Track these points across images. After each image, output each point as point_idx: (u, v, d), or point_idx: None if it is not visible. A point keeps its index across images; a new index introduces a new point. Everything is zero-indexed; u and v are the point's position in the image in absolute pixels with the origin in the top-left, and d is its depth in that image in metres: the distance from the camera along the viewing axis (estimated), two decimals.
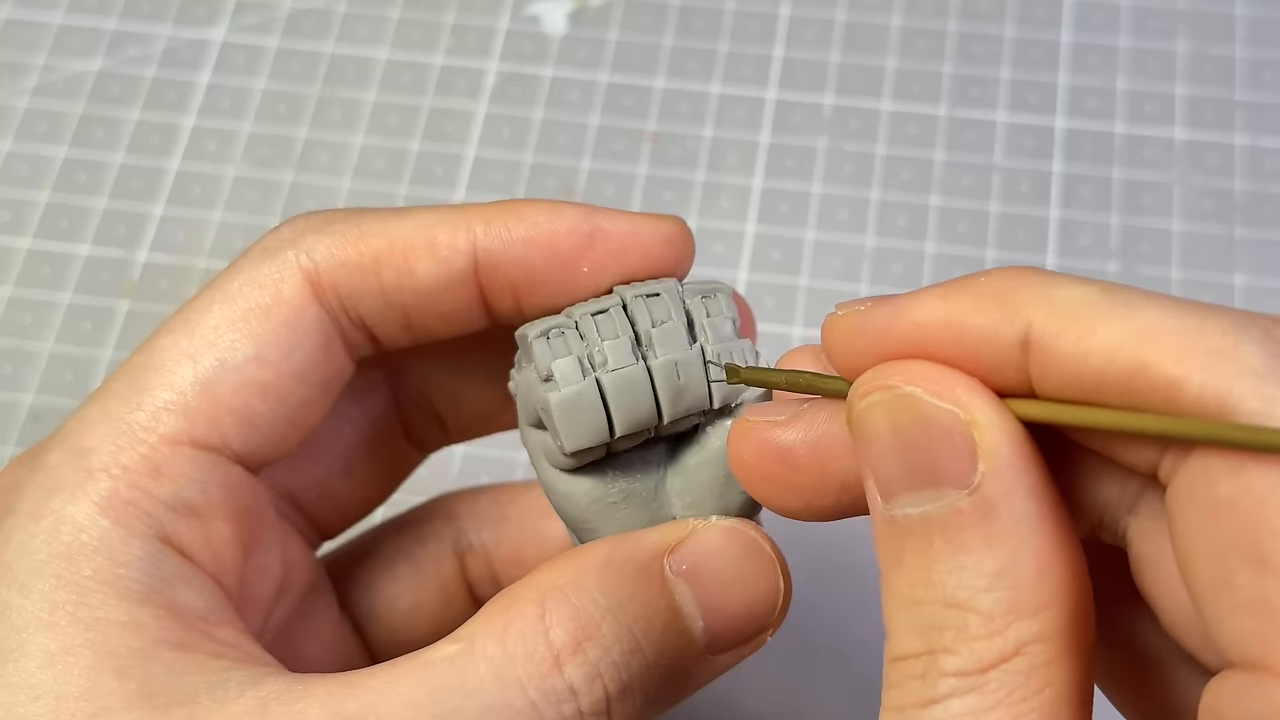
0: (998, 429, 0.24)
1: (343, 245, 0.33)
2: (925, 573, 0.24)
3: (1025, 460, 0.24)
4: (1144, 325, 0.23)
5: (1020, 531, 0.24)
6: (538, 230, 0.33)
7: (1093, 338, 0.23)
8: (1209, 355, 0.22)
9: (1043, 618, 0.23)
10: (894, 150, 0.57)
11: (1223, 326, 0.22)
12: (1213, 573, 0.22)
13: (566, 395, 0.30)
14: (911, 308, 0.25)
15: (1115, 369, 0.23)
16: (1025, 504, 0.24)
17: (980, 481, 0.24)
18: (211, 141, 0.59)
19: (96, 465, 0.30)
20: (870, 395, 0.25)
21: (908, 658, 0.24)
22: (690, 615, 0.30)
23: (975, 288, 0.25)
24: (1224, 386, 0.22)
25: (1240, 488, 0.21)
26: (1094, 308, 0.23)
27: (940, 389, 0.24)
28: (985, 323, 0.24)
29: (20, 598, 0.29)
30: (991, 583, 0.23)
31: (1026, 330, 0.24)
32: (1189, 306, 0.23)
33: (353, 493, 0.39)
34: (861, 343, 0.26)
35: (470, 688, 0.28)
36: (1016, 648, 0.23)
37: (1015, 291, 0.24)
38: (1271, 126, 0.57)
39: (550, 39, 0.61)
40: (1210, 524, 0.22)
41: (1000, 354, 0.24)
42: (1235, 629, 0.21)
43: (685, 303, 0.32)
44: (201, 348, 0.32)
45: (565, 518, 0.32)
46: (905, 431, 0.25)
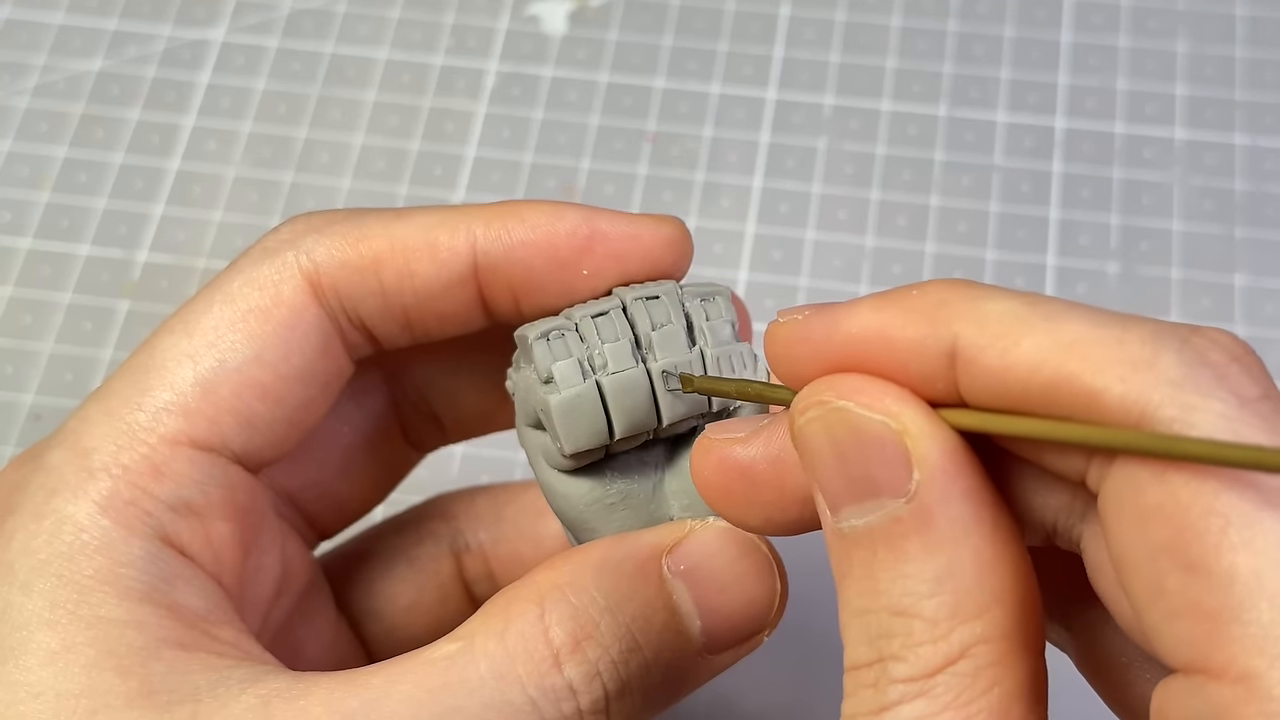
0: (929, 437, 0.24)
1: (343, 246, 0.33)
2: (871, 582, 0.24)
3: (959, 466, 0.24)
4: (1066, 337, 0.23)
5: (957, 535, 0.24)
6: (537, 232, 0.33)
7: (1016, 350, 0.23)
8: (1128, 365, 0.22)
9: (986, 619, 0.24)
10: (894, 150, 0.57)
11: (1141, 336, 0.22)
12: (1146, 580, 0.22)
13: (566, 397, 0.30)
14: (846, 318, 0.25)
15: (1038, 380, 0.23)
16: (961, 508, 0.24)
17: (916, 489, 0.24)
18: (211, 141, 0.59)
19: (97, 465, 0.30)
20: (807, 410, 0.25)
21: (860, 667, 0.25)
22: (688, 615, 0.30)
23: (906, 300, 0.25)
24: (1143, 395, 0.22)
25: (1164, 495, 0.22)
26: (1019, 320, 0.23)
27: (871, 401, 0.25)
28: (914, 335, 0.24)
29: (21, 596, 0.29)
30: (933, 588, 0.24)
31: (954, 343, 0.24)
32: (1111, 318, 0.23)
33: (351, 493, 0.39)
34: (800, 351, 0.26)
35: (471, 686, 0.28)
36: (961, 650, 0.23)
37: (944, 305, 0.24)
38: (1271, 127, 0.57)
39: (550, 39, 0.61)
40: (1139, 532, 0.22)
41: (929, 366, 0.24)
42: (1172, 634, 0.22)
43: (685, 305, 0.32)
44: (201, 348, 0.32)
45: (563, 518, 0.32)
46: (841, 444, 0.25)
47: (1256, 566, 0.21)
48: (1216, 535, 0.21)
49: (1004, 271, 0.54)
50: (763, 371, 0.32)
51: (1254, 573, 0.21)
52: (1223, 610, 0.21)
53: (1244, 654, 0.21)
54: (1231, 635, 0.21)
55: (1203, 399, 0.22)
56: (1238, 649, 0.21)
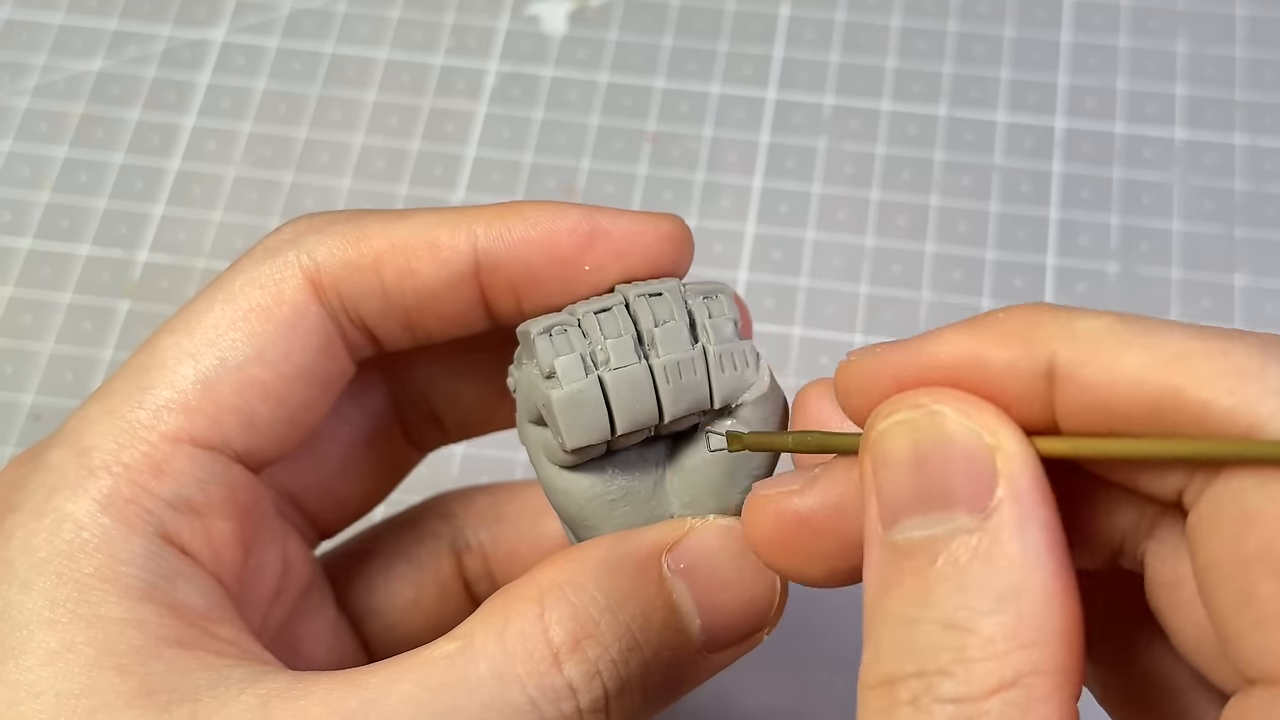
0: (1021, 458, 0.24)
1: (344, 246, 0.33)
2: (924, 592, 0.23)
3: (1042, 493, 0.24)
4: (1168, 351, 0.23)
5: (1029, 561, 0.23)
6: (539, 230, 0.33)
7: (1117, 365, 0.23)
8: (1236, 377, 0.22)
9: (1044, 650, 0.23)
10: (894, 150, 0.57)
11: (1248, 349, 0.22)
12: (1235, 588, 0.22)
13: (568, 392, 0.30)
14: (932, 344, 0.25)
15: (1142, 395, 0.23)
16: (1037, 534, 0.23)
17: (996, 505, 0.23)
18: (211, 141, 0.59)
19: (98, 463, 0.30)
20: (896, 413, 0.25)
21: (896, 680, 0.23)
22: (688, 613, 0.30)
23: (995, 324, 0.25)
24: (1253, 407, 0.22)
25: (1267, 501, 0.21)
26: (1116, 337, 0.23)
27: (970, 410, 0.24)
28: (1008, 356, 0.24)
29: (21, 595, 0.29)
30: (996, 605, 0.23)
31: (1050, 362, 0.24)
32: (1213, 332, 0.23)
33: (351, 492, 0.39)
34: (880, 383, 0.25)
35: (470, 685, 0.28)
36: (1016, 677, 0.22)
37: (1036, 325, 0.24)
38: (1271, 126, 0.57)
39: (550, 39, 0.61)
40: (1235, 539, 0.22)
41: (1025, 387, 0.24)
42: (1257, 643, 0.21)
43: (687, 303, 0.32)
44: (203, 347, 0.32)
45: (563, 515, 0.32)
46: (925, 450, 0.24)
47: None
48: None
49: (1004, 271, 0.54)
50: (764, 369, 0.32)
51: None
52: None
53: None
54: None
55: None
56: None
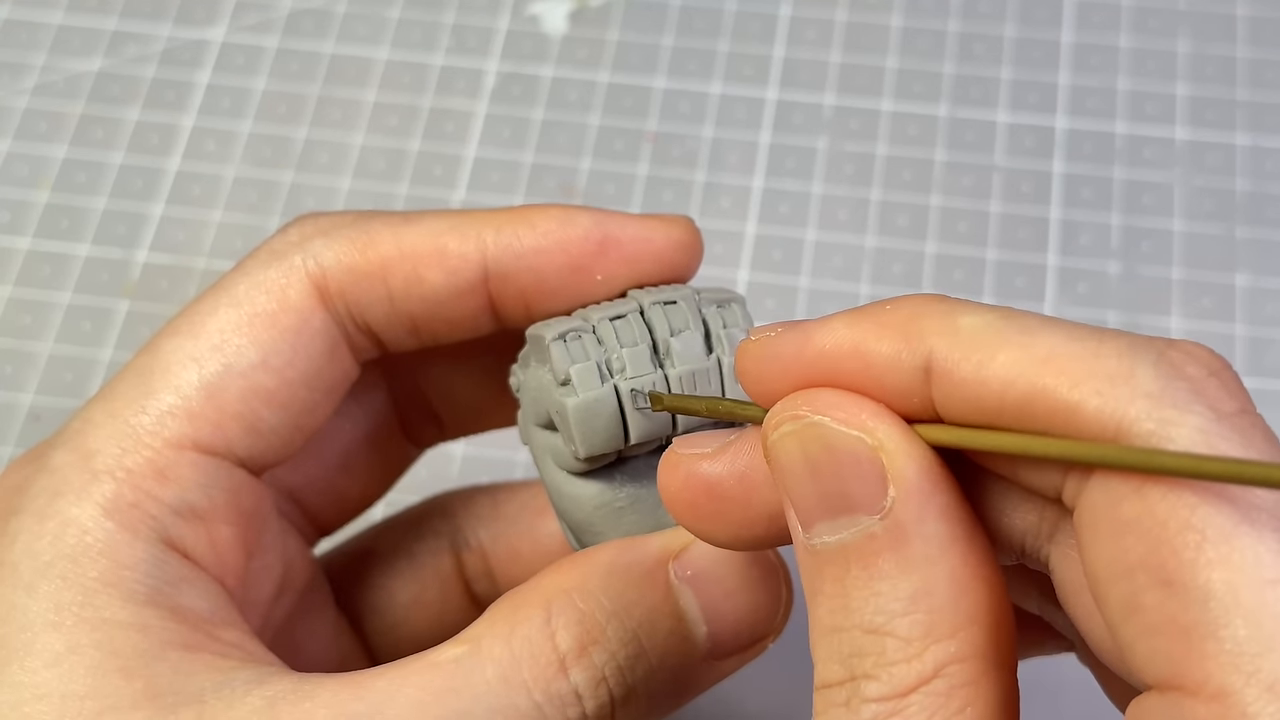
0: (905, 454, 0.24)
1: (350, 251, 0.33)
2: (843, 600, 0.24)
3: (934, 483, 0.24)
4: (1042, 350, 0.23)
5: (932, 554, 0.24)
6: (549, 238, 0.33)
7: (992, 364, 0.23)
8: (1105, 379, 0.22)
9: (960, 638, 0.23)
10: (894, 150, 0.57)
11: (1118, 349, 0.22)
12: (1121, 596, 0.22)
13: (584, 401, 0.30)
14: (819, 334, 0.25)
15: (1014, 394, 0.23)
16: (937, 526, 0.24)
17: (891, 506, 0.24)
18: (211, 141, 0.59)
19: (101, 468, 0.30)
20: (782, 425, 0.25)
21: (831, 685, 0.24)
22: (694, 621, 0.30)
23: (880, 315, 0.25)
24: (1120, 409, 0.22)
25: (1141, 509, 0.21)
26: (995, 334, 0.23)
27: (847, 416, 0.24)
28: (888, 350, 0.24)
29: (26, 598, 0.29)
30: (907, 606, 0.23)
31: (929, 357, 0.24)
32: (1087, 332, 0.23)
33: (351, 489, 0.39)
34: (772, 368, 0.26)
35: (477, 690, 0.28)
36: (935, 669, 0.23)
37: (918, 319, 0.24)
38: (1273, 126, 0.57)
39: (550, 39, 0.61)
40: (1115, 547, 0.22)
41: (904, 381, 0.24)
42: (1147, 651, 0.21)
43: (702, 311, 0.32)
44: (207, 352, 0.32)
45: (569, 520, 0.32)
46: (816, 460, 0.24)
47: (1232, 582, 0.21)
48: (1193, 550, 0.21)
49: (1004, 271, 0.54)
50: None
51: (1230, 588, 0.21)
52: (1198, 626, 0.21)
53: (1220, 671, 0.20)
54: (1207, 652, 0.20)
55: (1180, 413, 0.22)
56: (1213, 666, 0.20)
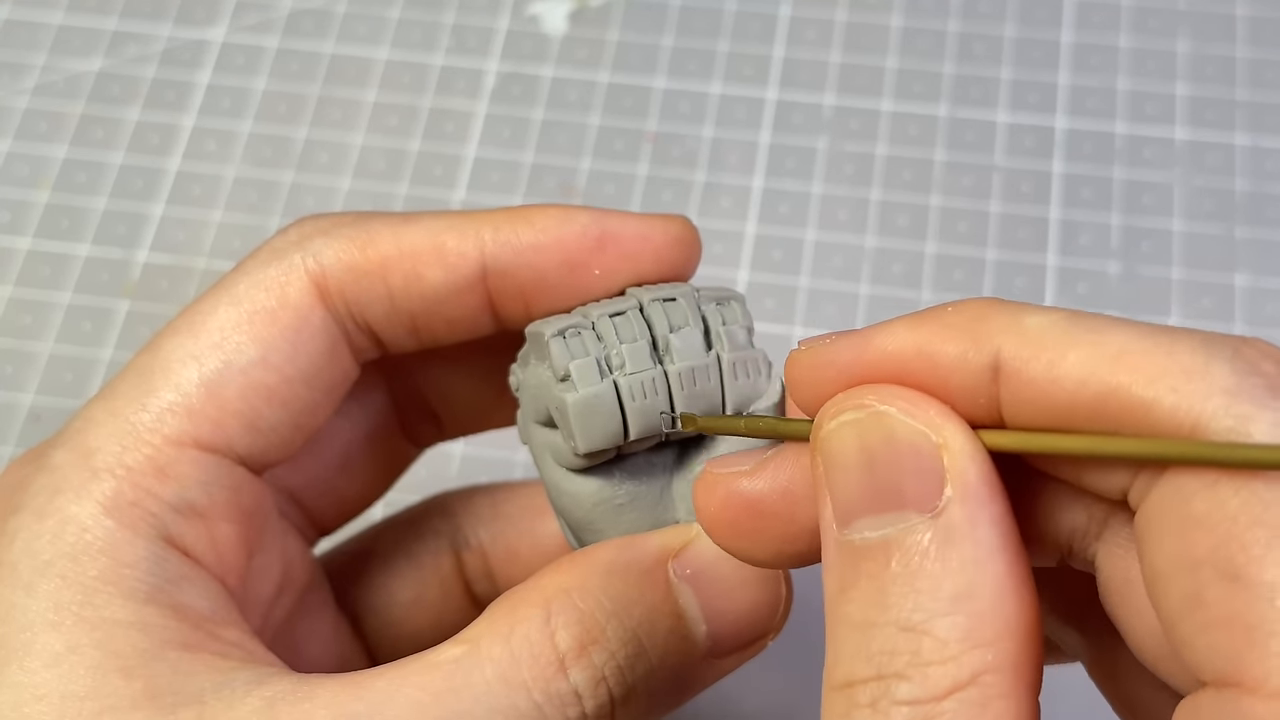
0: (967, 455, 0.24)
1: (350, 250, 0.33)
2: (880, 595, 0.24)
3: (991, 490, 0.24)
4: (1114, 349, 0.23)
5: (980, 558, 0.23)
6: (547, 235, 0.33)
7: (1063, 362, 0.23)
8: (1181, 376, 0.22)
9: (998, 647, 0.23)
10: (894, 150, 0.57)
11: (1192, 347, 0.22)
12: (1184, 591, 0.22)
13: (584, 397, 0.30)
14: (879, 337, 0.25)
15: (1087, 392, 0.23)
16: (988, 532, 0.23)
17: (945, 505, 0.23)
18: (211, 141, 0.59)
19: (101, 465, 0.30)
20: (843, 414, 0.25)
21: (855, 684, 0.24)
22: (694, 619, 0.30)
23: (943, 317, 0.25)
24: (1196, 406, 0.22)
25: (1213, 504, 0.21)
26: (1063, 333, 0.23)
27: (914, 409, 0.24)
28: (955, 350, 0.24)
29: (25, 597, 0.29)
30: (948, 607, 0.23)
31: (996, 357, 0.24)
32: (1158, 330, 0.23)
33: (350, 489, 0.39)
34: (828, 375, 0.25)
35: (477, 690, 0.28)
36: (971, 676, 0.23)
37: (984, 319, 0.24)
38: (1272, 127, 0.57)
39: (550, 39, 0.61)
40: (1182, 542, 0.22)
41: (970, 381, 0.24)
42: (1207, 646, 0.21)
43: (701, 309, 0.32)
44: (207, 350, 0.32)
45: (568, 518, 0.32)
46: (874, 451, 0.24)
47: None
48: (1262, 547, 0.21)
49: (1004, 271, 0.54)
50: (776, 378, 0.32)
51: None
52: (1263, 623, 0.20)
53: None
54: (1270, 649, 0.20)
55: (1257, 408, 0.21)
56: (1276, 663, 0.20)
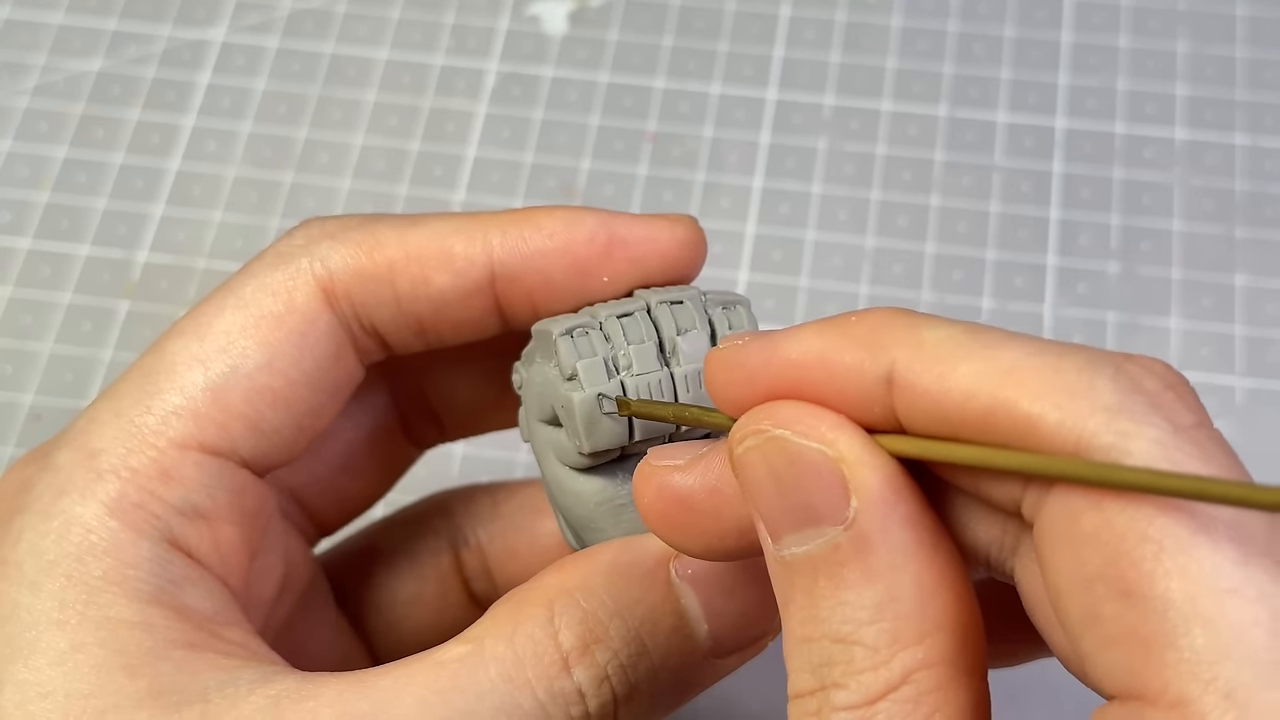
0: (866, 464, 0.24)
1: (357, 254, 0.33)
2: (812, 610, 0.24)
3: (897, 492, 0.24)
4: (1004, 363, 0.23)
5: (897, 562, 0.24)
6: (555, 240, 0.33)
7: (954, 375, 0.23)
8: (1064, 392, 0.22)
9: (927, 644, 0.24)
10: (894, 150, 0.58)
11: (1077, 364, 0.23)
12: (1081, 608, 0.22)
13: (591, 396, 0.31)
14: (786, 344, 0.25)
15: (974, 405, 0.23)
16: (901, 535, 0.24)
17: (854, 516, 0.24)
18: (211, 141, 0.59)
19: (106, 467, 0.30)
20: (745, 439, 0.25)
21: (802, 695, 0.25)
22: (695, 619, 0.30)
23: (846, 326, 0.25)
24: (1078, 422, 0.22)
25: (1100, 522, 0.22)
26: (958, 346, 0.23)
27: (808, 429, 0.25)
28: (852, 360, 0.24)
29: (30, 596, 0.29)
30: (873, 614, 0.24)
31: (891, 368, 0.24)
32: (1049, 346, 0.23)
33: (352, 489, 0.39)
34: (739, 377, 0.26)
35: (481, 689, 0.28)
36: (903, 676, 0.23)
37: (883, 330, 0.24)
38: (1272, 127, 0.57)
39: (550, 39, 0.61)
40: (1075, 559, 0.22)
41: (867, 391, 0.24)
42: (1108, 662, 0.22)
43: (708, 312, 0.32)
44: (213, 353, 0.32)
45: (570, 517, 0.32)
46: (779, 473, 0.25)
47: (1190, 592, 0.21)
48: (1151, 561, 0.21)
49: (1004, 271, 0.54)
50: None
51: (1188, 598, 0.21)
52: (1157, 636, 0.21)
53: (1179, 680, 0.21)
54: (1166, 661, 0.21)
55: (1137, 426, 0.22)
56: (1172, 675, 0.21)
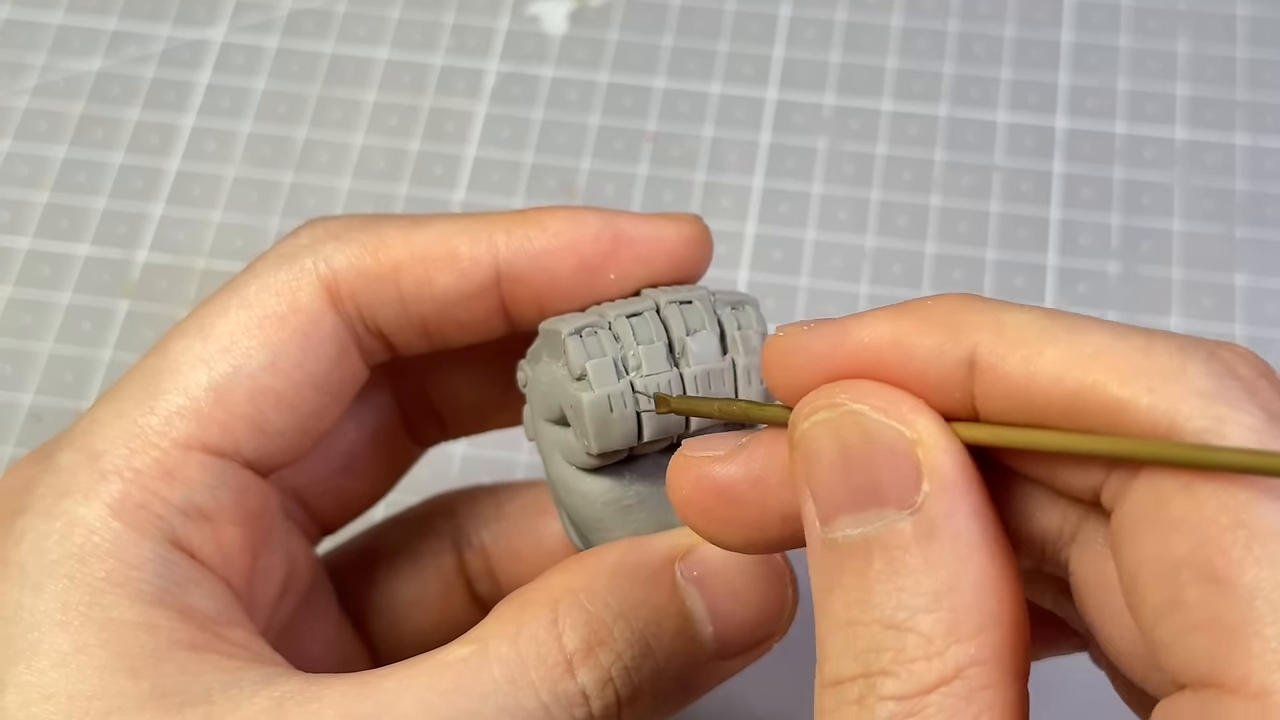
0: (942, 449, 0.24)
1: (362, 254, 0.33)
2: (863, 593, 0.24)
3: (968, 482, 0.24)
4: (1091, 348, 0.23)
5: (961, 552, 0.23)
6: (561, 239, 0.33)
7: (1040, 359, 0.23)
8: (1157, 376, 0.22)
9: (981, 640, 0.23)
10: (894, 150, 0.57)
11: (1169, 349, 0.22)
12: (1162, 593, 0.22)
13: (600, 396, 0.30)
14: (857, 328, 0.25)
15: (1062, 390, 0.23)
16: (967, 525, 0.23)
17: (923, 501, 0.23)
18: (211, 141, 0.59)
19: (109, 467, 0.30)
20: (816, 413, 0.25)
21: (843, 681, 0.24)
22: (700, 621, 0.30)
23: (922, 310, 0.25)
24: (1172, 407, 0.22)
25: (1190, 506, 0.21)
26: (1041, 330, 0.23)
27: (887, 406, 0.24)
28: (931, 344, 0.24)
29: (33, 598, 0.29)
30: (931, 603, 0.23)
31: (973, 352, 0.24)
32: (1135, 331, 0.23)
33: (354, 488, 0.39)
34: (804, 361, 0.25)
35: (484, 690, 0.28)
36: (956, 670, 0.23)
37: (962, 314, 0.24)
38: (1272, 127, 0.57)
39: (550, 39, 0.61)
40: (1160, 544, 0.22)
41: (946, 375, 0.24)
42: (1187, 648, 0.21)
43: (717, 312, 0.32)
44: (216, 353, 0.32)
45: (577, 517, 0.32)
46: (850, 449, 0.24)
47: (1279, 581, 0.21)
48: (1241, 548, 0.21)
49: (1004, 271, 0.54)
50: None
51: (1276, 587, 0.20)
52: (1243, 624, 0.21)
53: (1263, 669, 0.20)
54: (1251, 650, 0.20)
55: (1233, 411, 0.21)
56: (1257, 664, 0.20)
